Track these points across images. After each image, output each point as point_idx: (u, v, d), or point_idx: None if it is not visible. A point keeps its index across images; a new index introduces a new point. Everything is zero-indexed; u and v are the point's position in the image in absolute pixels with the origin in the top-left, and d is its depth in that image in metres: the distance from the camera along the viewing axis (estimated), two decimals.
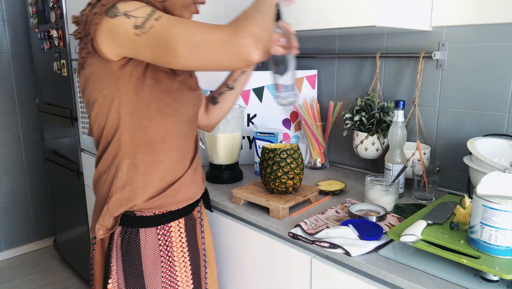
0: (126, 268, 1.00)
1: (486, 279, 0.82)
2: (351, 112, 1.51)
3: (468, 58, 1.30)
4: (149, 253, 1.00)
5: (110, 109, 0.94)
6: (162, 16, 0.82)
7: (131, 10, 0.83)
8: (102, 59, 0.89)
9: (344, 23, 1.21)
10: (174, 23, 0.80)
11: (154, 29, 0.80)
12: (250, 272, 1.26)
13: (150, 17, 0.82)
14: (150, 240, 1.01)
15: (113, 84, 0.91)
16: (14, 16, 2.74)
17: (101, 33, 0.85)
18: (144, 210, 1.00)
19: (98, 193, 1.03)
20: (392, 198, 1.18)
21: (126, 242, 1.00)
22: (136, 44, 0.82)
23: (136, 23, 0.82)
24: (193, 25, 0.80)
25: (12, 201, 2.87)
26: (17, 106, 2.82)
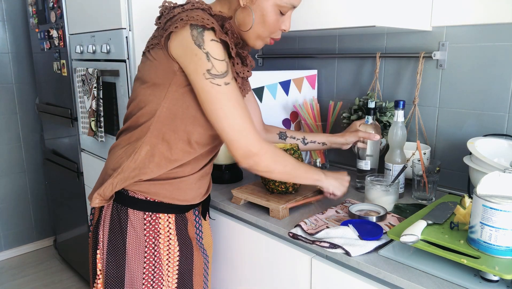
0: (111, 242, 1.03)
1: (486, 279, 0.82)
2: (349, 112, 1.51)
3: (468, 58, 1.30)
4: (133, 234, 1.02)
5: (155, 97, 0.98)
6: (230, 84, 0.92)
7: (214, 57, 0.90)
8: (167, 55, 0.94)
9: (344, 23, 1.21)
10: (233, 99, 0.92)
11: (217, 89, 0.91)
12: (250, 272, 1.26)
13: (223, 76, 0.91)
14: (137, 222, 1.02)
15: (168, 79, 0.95)
16: (14, 16, 2.74)
17: (177, 38, 0.91)
18: (137, 192, 1.02)
19: (109, 163, 1.06)
20: (392, 198, 1.18)
21: (116, 217, 1.03)
22: (197, 81, 0.91)
23: (209, 69, 0.90)
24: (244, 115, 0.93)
25: (12, 201, 2.87)
26: (17, 106, 2.82)
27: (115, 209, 1.03)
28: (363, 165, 1.35)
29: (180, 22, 0.89)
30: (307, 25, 1.32)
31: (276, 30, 1.03)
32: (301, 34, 1.64)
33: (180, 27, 0.89)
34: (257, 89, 1.67)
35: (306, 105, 1.62)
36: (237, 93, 0.94)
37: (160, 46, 0.95)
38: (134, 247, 1.02)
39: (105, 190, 1.01)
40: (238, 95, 0.94)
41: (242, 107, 0.94)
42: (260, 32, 1.01)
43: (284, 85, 1.69)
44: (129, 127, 1.04)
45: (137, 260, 1.03)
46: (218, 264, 1.37)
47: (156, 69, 0.96)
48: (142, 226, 1.03)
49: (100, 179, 1.08)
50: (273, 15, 0.99)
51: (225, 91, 0.91)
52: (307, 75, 1.72)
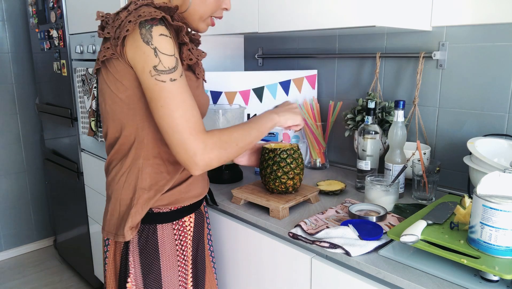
0: (144, 265, 1.00)
1: (486, 279, 0.82)
2: (353, 113, 1.51)
3: (468, 58, 1.30)
4: (166, 249, 1.02)
5: (135, 110, 0.94)
6: (177, 81, 0.87)
7: (162, 52, 0.86)
8: (126, 63, 0.90)
9: (344, 23, 1.21)
10: (177, 98, 0.87)
11: (161, 86, 0.86)
12: (250, 272, 1.26)
13: (169, 72, 0.86)
14: (167, 235, 1.02)
15: (136, 86, 0.91)
16: (14, 16, 2.74)
17: (129, 41, 0.88)
18: (161, 206, 1.01)
19: (118, 194, 1.00)
20: (392, 198, 1.18)
21: (144, 239, 1.00)
22: (143, 80, 0.87)
23: (156, 66, 0.86)
24: (187, 114, 0.87)
25: (12, 201, 2.86)
26: (17, 106, 2.82)
27: (142, 231, 1.00)
28: (363, 165, 1.35)
29: (129, 24, 0.86)
30: (307, 25, 1.32)
31: (217, 9, 1.02)
32: (301, 34, 1.64)
33: (131, 30, 0.86)
34: (257, 89, 1.67)
35: (306, 105, 1.62)
36: (184, 92, 0.88)
37: (116, 56, 0.90)
38: (168, 260, 1.02)
39: (133, 219, 0.97)
40: (184, 93, 0.88)
41: (187, 106, 0.88)
42: (201, 12, 1.00)
43: (284, 85, 1.69)
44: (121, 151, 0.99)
45: (172, 273, 1.03)
46: (218, 264, 1.37)
47: (123, 82, 0.92)
48: (172, 236, 1.03)
49: (114, 215, 1.01)
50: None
51: (170, 88, 0.86)
52: (307, 75, 1.72)
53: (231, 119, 1.43)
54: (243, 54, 2.07)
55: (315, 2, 1.27)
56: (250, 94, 1.68)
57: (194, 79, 1.01)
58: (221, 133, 0.93)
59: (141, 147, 0.96)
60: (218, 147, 0.90)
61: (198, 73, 1.02)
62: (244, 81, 1.66)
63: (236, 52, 2.03)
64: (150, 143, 0.96)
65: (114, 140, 0.99)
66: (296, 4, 1.33)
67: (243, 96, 1.68)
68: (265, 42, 1.97)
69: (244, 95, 1.68)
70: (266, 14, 1.44)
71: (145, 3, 0.91)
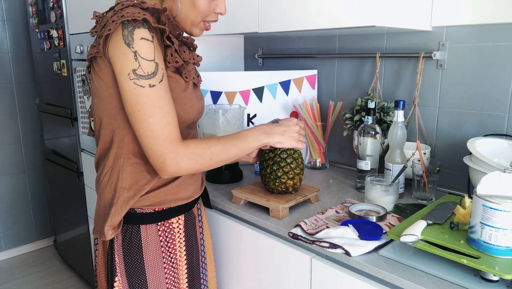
0: (128, 265, 1.00)
1: (486, 279, 0.82)
2: (351, 113, 1.51)
3: (468, 58, 1.30)
4: (150, 249, 1.01)
5: (116, 108, 0.94)
6: (155, 87, 0.87)
7: (142, 56, 0.86)
8: (108, 62, 0.90)
9: (344, 23, 1.21)
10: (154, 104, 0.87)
11: (140, 91, 0.86)
12: (250, 272, 1.26)
13: (148, 78, 0.86)
14: (151, 236, 1.01)
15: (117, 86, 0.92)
16: (14, 16, 2.74)
17: (111, 40, 0.88)
18: (144, 207, 1.00)
19: (102, 194, 1.01)
20: (392, 198, 1.18)
21: (128, 239, 1.00)
22: (121, 81, 0.87)
23: (135, 69, 0.86)
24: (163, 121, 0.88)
25: (12, 201, 2.86)
26: (17, 106, 2.82)
27: (125, 231, 1.00)
28: (363, 165, 1.35)
29: (112, 24, 0.86)
30: (307, 25, 1.32)
31: (209, 14, 1.00)
32: (301, 34, 1.64)
33: (113, 29, 0.86)
34: (257, 89, 1.67)
35: (306, 105, 1.62)
36: (161, 98, 0.88)
37: (100, 54, 0.91)
38: (153, 263, 1.01)
39: (113, 219, 0.97)
40: (161, 99, 0.88)
41: (163, 113, 0.88)
42: (192, 18, 0.99)
43: (284, 85, 1.69)
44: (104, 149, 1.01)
45: (158, 274, 1.02)
46: (218, 264, 1.37)
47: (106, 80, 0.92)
48: (157, 238, 1.02)
49: (100, 214, 1.02)
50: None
51: (148, 94, 0.86)
52: (307, 75, 1.72)
53: (231, 119, 1.43)
54: (243, 54, 2.07)
55: (315, 2, 1.27)
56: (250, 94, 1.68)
57: (182, 82, 0.99)
58: (196, 145, 0.92)
59: (122, 146, 0.96)
60: (188, 158, 0.90)
61: (187, 76, 0.99)
62: (244, 81, 1.66)
63: (236, 52, 2.03)
64: (131, 143, 0.96)
65: (99, 138, 1.01)
66: (296, 4, 1.33)
67: (243, 96, 1.68)
68: (265, 42, 1.97)
69: (244, 95, 1.68)
70: (266, 14, 1.44)
71: (132, 4, 0.91)
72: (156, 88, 0.87)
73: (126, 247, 1.00)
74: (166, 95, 0.89)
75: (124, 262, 1.00)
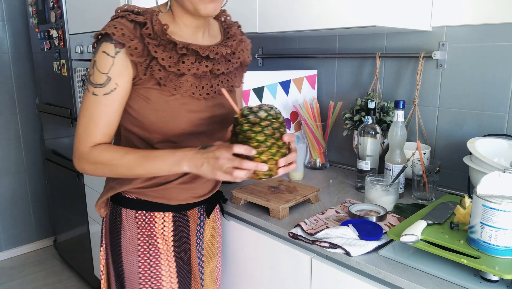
0: (110, 242, 1.07)
1: (486, 279, 0.82)
2: (351, 112, 1.51)
3: (468, 58, 1.30)
4: (127, 233, 1.05)
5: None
6: (97, 97, 0.92)
7: (98, 67, 0.92)
8: None
9: (344, 23, 1.21)
10: (88, 110, 0.93)
11: (86, 93, 0.94)
12: (250, 272, 1.25)
13: (95, 87, 0.92)
14: (129, 222, 1.05)
15: None
16: (14, 16, 2.74)
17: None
18: (128, 192, 1.04)
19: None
20: (392, 198, 1.18)
21: (113, 218, 1.06)
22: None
23: (91, 75, 0.93)
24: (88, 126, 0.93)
25: (12, 201, 2.86)
26: (17, 106, 2.82)
27: (112, 209, 1.07)
28: (363, 165, 1.35)
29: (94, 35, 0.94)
30: (307, 25, 1.32)
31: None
32: (301, 34, 1.64)
33: (94, 39, 0.95)
34: (257, 89, 1.67)
35: (306, 105, 1.62)
36: (97, 107, 0.92)
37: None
38: (128, 247, 1.04)
39: (102, 198, 1.07)
40: (96, 109, 0.92)
41: (92, 120, 0.92)
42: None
43: (284, 85, 1.69)
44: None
45: (132, 259, 1.05)
46: None
47: None
48: (134, 224, 1.04)
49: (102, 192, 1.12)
50: None
51: (88, 98, 0.92)
52: (307, 75, 1.72)
53: None
54: None
55: (315, 2, 1.27)
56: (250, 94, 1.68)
57: (168, 94, 0.95)
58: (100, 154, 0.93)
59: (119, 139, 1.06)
60: (90, 163, 0.94)
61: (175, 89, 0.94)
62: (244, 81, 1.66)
63: None
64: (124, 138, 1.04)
65: None
66: (296, 4, 1.33)
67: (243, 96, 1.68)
68: (265, 42, 1.97)
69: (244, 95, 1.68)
70: (266, 14, 1.44)
71: (122, 14, 0.94)
72: (97, 98, 0.92)
73: (111, 224, 1.07)
74: (104, 108, 0.93)
75: (109, 237, 1.07)
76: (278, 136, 0.86)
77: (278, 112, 0.88)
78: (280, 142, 0.86)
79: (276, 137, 0.86)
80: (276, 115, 0.87)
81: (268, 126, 0.85)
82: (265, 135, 0.84)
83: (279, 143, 0.86)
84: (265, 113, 0.86)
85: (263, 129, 0.84)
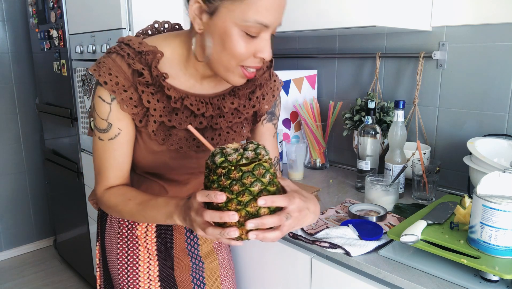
0: (100, 238, 1.09)
1: (486, 279, 0.82)
2: (351, 113, 1.51)
3: (468, 58, 1.30)
4: (109, 233, 1.05)
5: None
6: (104, 142, 0.89)
7: (97, 112, 0.87)
8: None
9: (344, 23, 1.21)
10: (99, 154, 0.91)
11: (93, 136, 0.91)
12: (250, 272, 1.25)
13: (99, 132, 0.88)
14: (113, 224, 1.05)
15: None
16: (14, 16, 2.74)
17: None
18: None
19: None
20: (392, 198, 1.18)
21: (100, 216, 1.08)
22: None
23: (93, 118, 0.90)
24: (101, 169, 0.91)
25: (12, 201, 2.86)
26: (17, 106, 2.82)
27: (101, 211, 1.09)
28: (363, 165, 1.35)
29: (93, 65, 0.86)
30: (307, 25, 1.32)
31: (246, 57, 0.79)
32: (301, 34, 1.64)
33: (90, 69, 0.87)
34: None
35: (306, 105, 1.62)
36: (106, 152, 0.88)
37: None
38: (110, 247, 1.05)
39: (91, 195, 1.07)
40: (106, 153, 0.88)
41: (103, 164, 0.90)
42: (224, 62, 0.80)
43: (284, 85, 1.69)
44: None
45: (113, 259, 1.05)
46: None
47: None
48: (117, 224, 1.04)
49: None
50: (235, 38, 0.77)
51: (96, 142, 0.90)
52: (307, 75, 1.72)
53: None
54: None
55: (315, 2, 1.27)
56: None
57: (155, 143, 0.91)
58: (109, 199, 0.90)
59: None
60: (104, 207, 0.93)
61: (164, 140, 0.89)
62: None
63: None
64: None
65: None
66: (296, 4, 1.33)
67: None
68: None
69: None
70: None
71: (120, 52, 0.84)
72: (104, 142, 0.88)
73: (100, 223, 1.08)
74: (112, 153, 0.89)
75: (100, 234, 1.09)
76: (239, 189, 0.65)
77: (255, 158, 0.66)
78: (243, 198, 0.65)
79: (235, 190, 0.65)
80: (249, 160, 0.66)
81: (221, 176, 0.65)
82: (218, 186, 0.66)
83: (240, 200, 0.65)
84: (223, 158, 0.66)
85: (219, 179, 0.66)
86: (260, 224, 0.65)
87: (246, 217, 0.65)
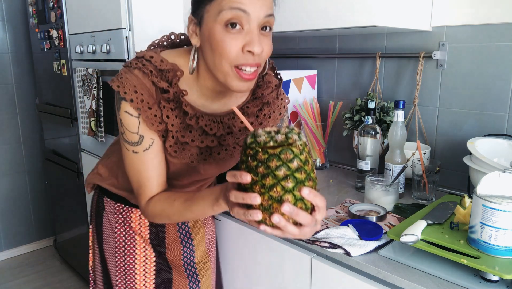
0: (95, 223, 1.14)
1: (486, 279, 0.82)
2: (351, 113, 1.51)
3: (468, 58, 1.30)
4: (107, 222, 1.10)
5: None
6: (139, 154, 0.88)
7: (126, 127, 0.87)
8: None
9: (344, 23, 1.21)
10: (135, 167, 0.90)
11: (125, 151, 0.89)
12: (250, 272, 1.25)
13: (132, 145, 0.88)
14: (110, 210, 1.10)
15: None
16: (14, 16, 2.74)
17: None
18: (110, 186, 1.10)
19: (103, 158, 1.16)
20: (392, 198, 1.18)
21: (95, 204, 1.14)
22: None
23: (123, 133, 0.88)
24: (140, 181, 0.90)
25: (12, 201, 2.86)
26: (17, 106, 2.82)
27: (97, 196, 1.14)
28: (363, 165, 1.35)
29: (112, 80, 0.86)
30: (307, 25, 1.32)
31: (234, 54, 0.77)
32: (301, 34, 1.64)
33: (111, 83, 0.86)
34: None
35: (306, 105, 1.62)
36: (145, 164, 0.88)
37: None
38: (108, 233, 1.09)
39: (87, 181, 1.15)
40: (144, 165, 0.88)
41: (142, 176, 0.90)
42: (218, 65, 0.79)
43: (284, 85, 1.69)
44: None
45: (110, 244, 1.09)
46: None
47: None
48: (113, 213, 1.09)
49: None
50: (218, 36, 0.76)
51: (131, 157, 0.89)
52: (307, 75, 1.72)
53: None
54: None
55: (315, 2, 1.27)
56: None
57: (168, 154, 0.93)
58: (154, 207, 0.90)
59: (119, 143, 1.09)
60: (150, 216, 0.92)
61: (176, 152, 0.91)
62: None
63: None
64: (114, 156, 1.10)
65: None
66: (296, 4, 1.33)
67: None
68: None
69: None
70: None
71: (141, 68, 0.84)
72: (139, 155, 0.88)
73: (96, 207, 1.13)
74: (150, 162, 0.89)
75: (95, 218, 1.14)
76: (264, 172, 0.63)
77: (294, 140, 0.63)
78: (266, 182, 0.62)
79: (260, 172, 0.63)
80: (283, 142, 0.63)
81: (249, 157, 0.64)
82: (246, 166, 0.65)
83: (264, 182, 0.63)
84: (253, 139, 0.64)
85: (247, 159, 0.65)
86: (294, 213, 0.63)
87: (269, 202, 0.63)
